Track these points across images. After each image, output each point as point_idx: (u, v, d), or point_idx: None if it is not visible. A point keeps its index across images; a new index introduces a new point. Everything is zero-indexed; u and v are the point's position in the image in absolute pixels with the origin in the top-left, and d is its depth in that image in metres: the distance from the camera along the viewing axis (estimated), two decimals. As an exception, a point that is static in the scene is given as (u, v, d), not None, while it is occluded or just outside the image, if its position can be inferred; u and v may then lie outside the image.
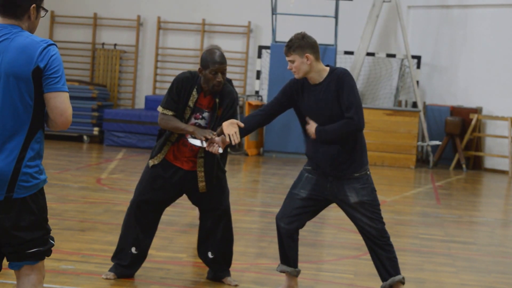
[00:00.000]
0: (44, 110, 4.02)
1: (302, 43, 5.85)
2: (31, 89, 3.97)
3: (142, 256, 6.50)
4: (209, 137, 6.04)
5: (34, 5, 4.05)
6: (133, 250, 6.44)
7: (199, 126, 6.29)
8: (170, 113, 6.25)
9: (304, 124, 6.00)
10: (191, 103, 6.25)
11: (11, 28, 4.02)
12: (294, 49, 5.85)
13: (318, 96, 5.87)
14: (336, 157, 5.87)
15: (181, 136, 6.33)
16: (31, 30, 4.09)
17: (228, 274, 6.55)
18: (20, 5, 4.01)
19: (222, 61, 6.18)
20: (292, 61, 5.87)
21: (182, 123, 6.24)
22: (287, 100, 6.01)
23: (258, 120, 6.09)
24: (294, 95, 5.97)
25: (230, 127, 5.88)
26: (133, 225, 6.43)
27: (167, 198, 6.46)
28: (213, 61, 6.15)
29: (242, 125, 5.91)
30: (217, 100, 6.28)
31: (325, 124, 5.84)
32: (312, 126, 5.90)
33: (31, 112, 3.98)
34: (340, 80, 5.81)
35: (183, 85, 6.26)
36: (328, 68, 5.92)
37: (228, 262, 6.56)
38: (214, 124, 6.27)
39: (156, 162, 6.37)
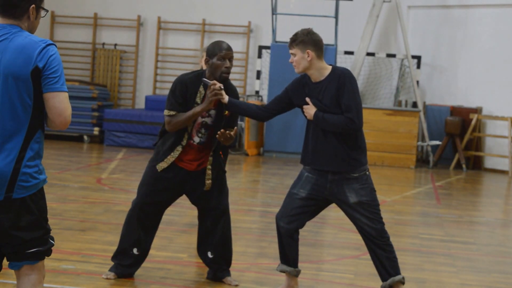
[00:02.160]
0: (44, 110, 4.02)
1: (305, 39, 5.87)
2: (30, 89, 3.96)
3: (143, 256, 6.51)
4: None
5: (33, 5, 4.04)
6: (135, 251, 6.44)
7: (205, 124, 6.28)
8: (175, 112, 6.23)
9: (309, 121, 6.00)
10: (198, 100, 6.25)
11: (10, 28, 4.02)
12: (297, 43, 5.88)
13: (318, 94, 5.88)
14: (335, 154, 5.87)
15: (189, 138, 6.31)
16: (31, 30, 4.09)
17: (228, 274, 6.55)
18: (19, 5, 4.01)
19: (229, 48, 6.23)
20: (294, 55, 5.90)
21: (185, 114, 6.20)
22: (288, 98, 6.03)
23: (258, 113, 6.13)
24: (295, 93, 5.98)
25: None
26: (135, 226, 6.42)
27: (170, 199, 6.46)
28: (221, 48, 6.18)
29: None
30: None
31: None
32: (311, 108, 5.90)
33: (30, 112, 3.98)
34: (342, 80, 5.82)
35: (187, 86, 6.24)
36: (330, 67, 5.94)
37: (228, 262, 6.57)
38: (220, 123, 6.26)
39: (165, 166, 6.34)
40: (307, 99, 5.93)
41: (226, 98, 6.07)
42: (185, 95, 6.22)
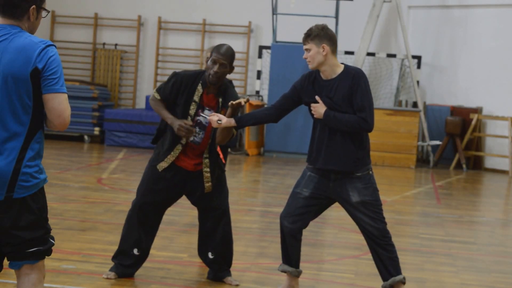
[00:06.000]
0: (44, 110, 4.02)
1: (321, 33, 5.84)
2: (30, 90, 3.96)
3: (143, 256, 6.51)
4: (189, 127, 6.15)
5: (34, 6, 4.04)
6: (135, 251, 6.43)
7: (200, 123, 6.28)
8: (160, 97, 6.31)
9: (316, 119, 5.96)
10: (196, 98, 6.25)
11: (10, 29, 4.02)
12: (312, 38, 5.84)
13: (329, 92, 5.86)
14: (342, 154, 5.87)
15: (188, 138, 6.30)
16: (31, 30, 4.09)
17: (228, 274, 6.55)
18: (19, 6, 4.01)
19: (224, 54, 6.15)
20: (308, 50, 5.86)
21: (165, 111, 6.28)
22: (297, 95, 5.98)
23: (268, 114, 6.05)
24: (304, 90, 5.94)
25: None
26: (135, 226, 6.42)
27: (169, 199, 6.45)
28: (217, 51, 6.17)
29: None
30: (221, 99, 6.28)
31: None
32: (321, 107, 5.87)
33: (30, 112, 3.98)
34: (355, 80, 5.81)
35: (183, 80, 6.24)
36: (342, 66, 5.92)
37: (229, 263, 6.56)
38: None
39: (165, 166, 6.33)
40: (317, 98, 5.89)
41: (232, 121, 5.94)
42: (178, 89, 6.24)
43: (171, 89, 6.27)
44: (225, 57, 6.16)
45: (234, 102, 5.93)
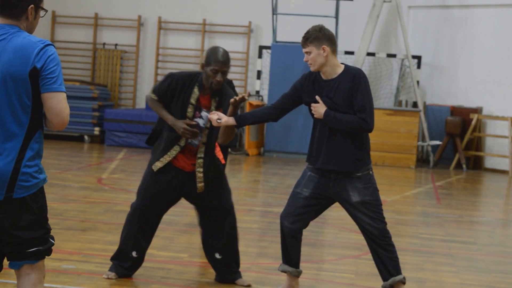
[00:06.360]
0: (43, 110, 4.02)
1: (319, 35, 5.83)
2: (29, 90, 3.96)
3: (141, 258, 6.49)
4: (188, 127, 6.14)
5: (32, 5, 4.03)
6: (134, 254, 6.42)
7: (197, 125, 6.25)
8: (156, 98, 6.29)
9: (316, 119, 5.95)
10: (193, 100, 6.22)
11: (8, 28, 4.02)
12: (312, 40, 5.83)
13: (329, 92, 5.86)
14: (342, 154, 5.86)
15: (187, 140, 6.28)
16: (30, 30, 4.08)
17: (239, 275, 6.48)
18: (17, 5, 4.00)
19: (224, 61, 6.12)
20: (309, 53, 5.84)
21: (165, 111, 6.24)
22: (297, 95, 5.98)
23: (267, 113, 6.04)
24: (304, 90, 5.94)
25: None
26: (135, 230, 6.39)
27: (170, 201, 6.42)
28: (216, 60, 6.12)
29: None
30: (217, 99, 6.25)
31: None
32: (321, 107, 5.87)
33: (29, 112, 3.98)
34: (356, 80, 5.81)
35: (178, 82, 6.21)
36: (343, 66, 5.91)
37: (237, 261, 6.51)
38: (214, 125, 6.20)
39: (160, 165, 6.31)
40: (317, 98, 5.89)
41: (232, 120, 5.92)
42: (174, 89, 6.21)
43: (167, 89, 6.24)
44: (225, 65, 6.13)
45: (237, 98, 5.91)
